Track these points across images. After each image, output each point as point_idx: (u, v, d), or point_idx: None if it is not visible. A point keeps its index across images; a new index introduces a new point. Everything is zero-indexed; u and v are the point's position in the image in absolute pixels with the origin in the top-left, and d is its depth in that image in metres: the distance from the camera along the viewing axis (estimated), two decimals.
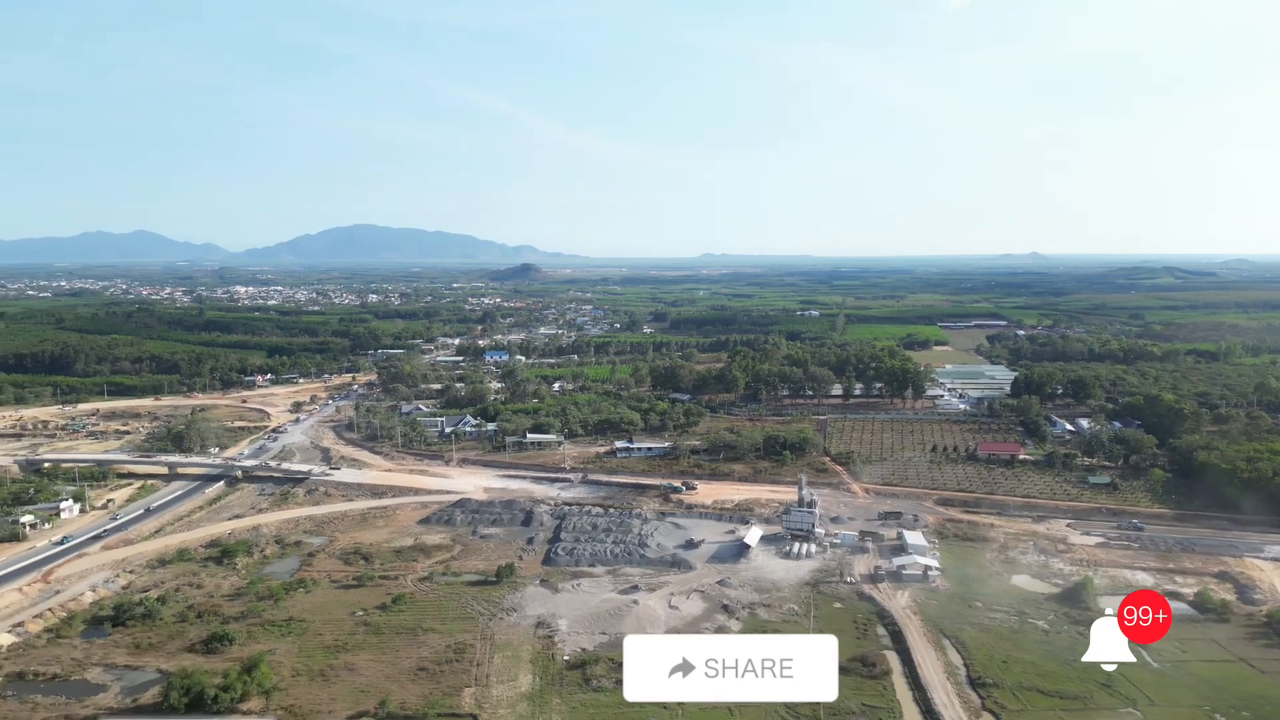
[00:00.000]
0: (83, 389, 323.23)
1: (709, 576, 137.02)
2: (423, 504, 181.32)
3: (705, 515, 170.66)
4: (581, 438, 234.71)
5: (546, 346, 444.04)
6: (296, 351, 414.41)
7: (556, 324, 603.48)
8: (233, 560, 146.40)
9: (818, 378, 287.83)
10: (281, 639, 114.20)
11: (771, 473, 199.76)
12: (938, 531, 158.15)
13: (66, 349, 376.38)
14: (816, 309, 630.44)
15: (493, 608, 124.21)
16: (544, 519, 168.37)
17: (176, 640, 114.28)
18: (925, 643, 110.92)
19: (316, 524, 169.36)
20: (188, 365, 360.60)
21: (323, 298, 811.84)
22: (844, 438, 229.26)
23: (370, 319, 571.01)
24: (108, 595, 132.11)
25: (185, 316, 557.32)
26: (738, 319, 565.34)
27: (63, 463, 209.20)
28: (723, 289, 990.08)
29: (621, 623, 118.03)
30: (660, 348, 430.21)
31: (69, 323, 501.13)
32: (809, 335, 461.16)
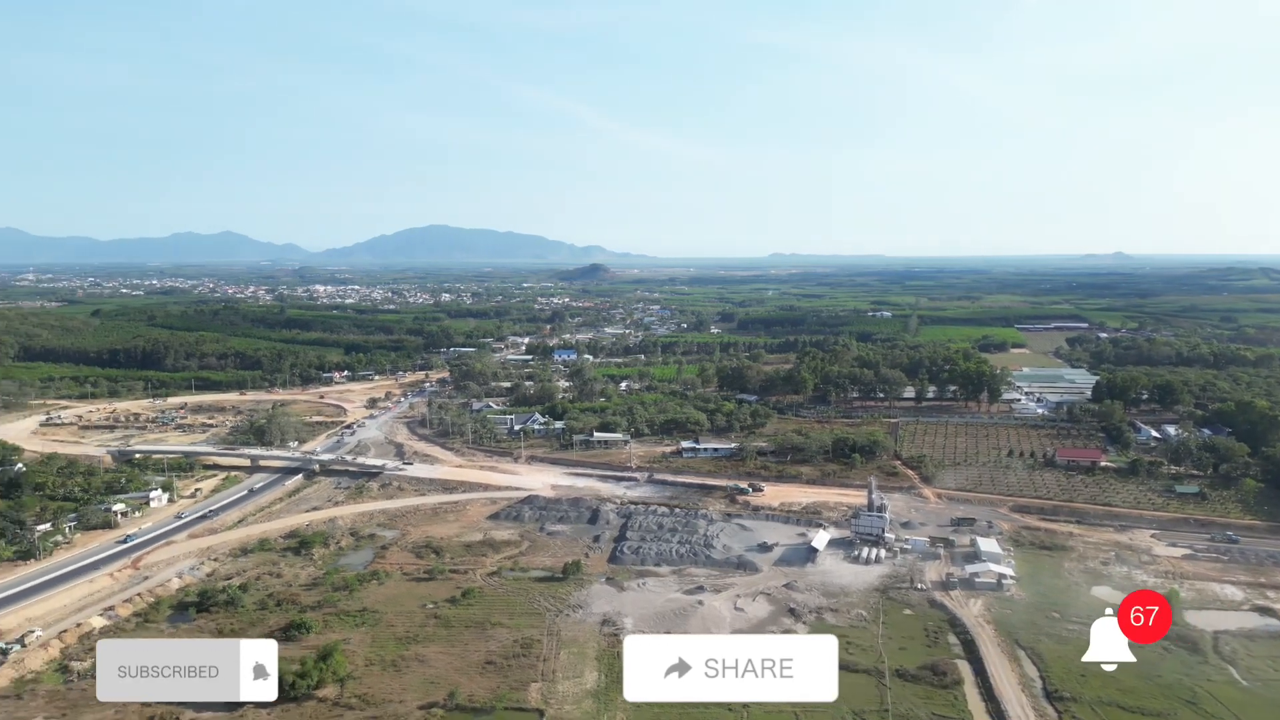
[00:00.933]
0: (172, 383, 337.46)
1: (775, 579, 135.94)
2: (492, 500, 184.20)
3: (772, 517, 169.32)
4: (647, 437, 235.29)
5: (614, 346, 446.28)
6: (372, 349, 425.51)
7: (624, 324, 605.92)
8: (310, 551, 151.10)
9: (889, 380, 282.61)
10: (355, 629, 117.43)
11: (840, 476, 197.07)
12: (1013, 539, 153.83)
13: (157, 345, 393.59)
14: (888, 310, 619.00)
15: (559, 604, 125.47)
16: (610, 517, 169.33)
17: (257, 627, 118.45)
18: (999, 653, 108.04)
19: (390, 517, 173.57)
20: (269, 362, 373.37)
21: (398, 297, 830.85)
22: (916, 441, 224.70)
23: (443, 318, 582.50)
24: (193, 582, 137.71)
25: (268, 314, 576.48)
26: (807, 320, 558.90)
27: (152, 454, 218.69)
28: (792, 289, 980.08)
29: (687, 623, 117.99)
30: (727, 348, 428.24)
31: (160, 320, 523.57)
32: (880, 336, 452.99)
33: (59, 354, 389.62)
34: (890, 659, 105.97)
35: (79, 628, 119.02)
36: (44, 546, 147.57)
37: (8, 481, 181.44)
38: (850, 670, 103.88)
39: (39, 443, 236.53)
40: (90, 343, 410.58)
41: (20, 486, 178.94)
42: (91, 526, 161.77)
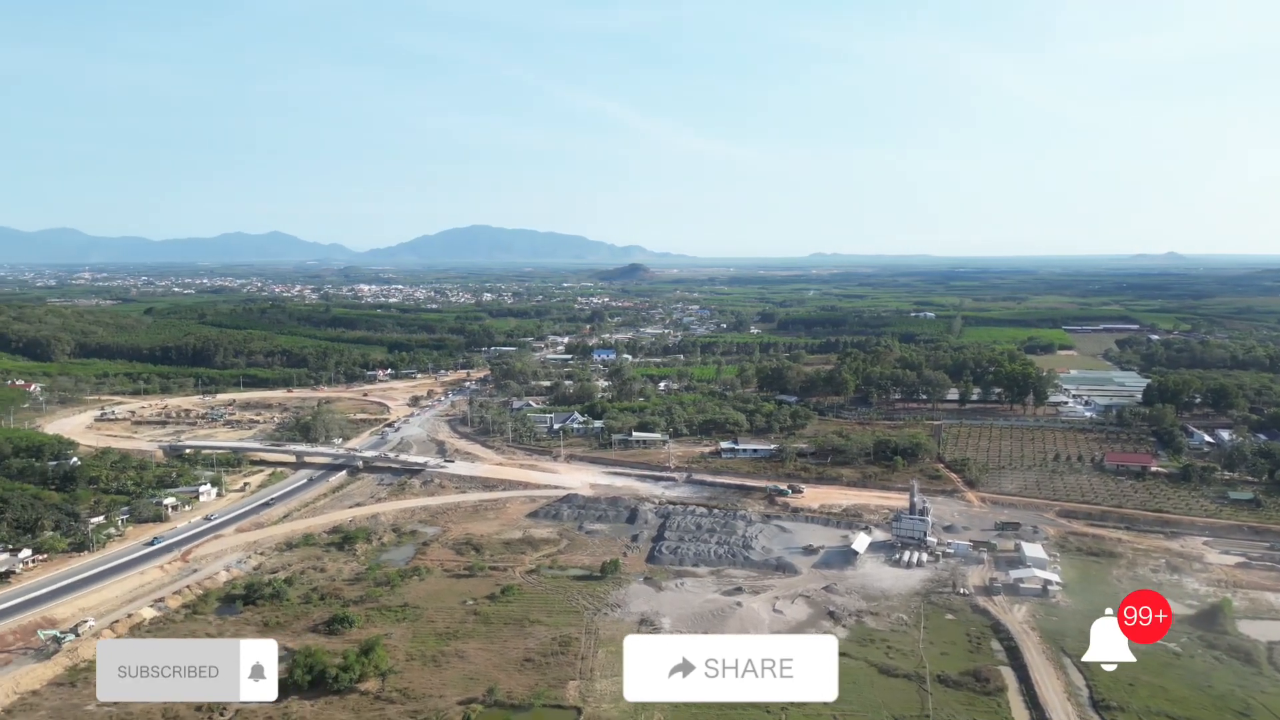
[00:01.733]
0: (221, 380, 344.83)
1: (815, 582, 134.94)
2: (531, 498, 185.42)
3: (812, 519, 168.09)
4: (686, 437, 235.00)
5: (653, 346, 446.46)
6: (415, 348, 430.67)
7: (663, 323, 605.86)
8: (353, 546, 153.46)
9: (932, 381, 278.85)
10: (397, 624, 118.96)
11: (881, 478, 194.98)
12: (1059, 544, 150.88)
13: (207, 343, 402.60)
14: (931, 310, 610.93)
15: (597, 603, 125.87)
16: (648, 517, 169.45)
17: (301, 620, 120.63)
18: (1044, 660, 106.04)
19: (431, 514, 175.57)
20: (315, 359, 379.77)
21: (440, 296, 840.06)
22: (959, 444, 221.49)
23: (484, 317, 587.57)
24: (240, 575, 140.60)
25: (313, 313, 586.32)
26: (848, 320, 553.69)
27: (202, 449, 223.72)
28: (833, 289, 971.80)
29: (725, 624, 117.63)
30: (767, 348, 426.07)
31: (210, 318, 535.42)
32: (923, 337, 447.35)
33: (113, 351, 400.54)
34: (932, 664, 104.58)
35: (130, 618, 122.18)
36: (97, 538, 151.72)
37: (63, 475, 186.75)
38: (890, 675, 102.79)
39: (94, 437, 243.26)
40: (143, 340, 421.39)
41: (75, 480, 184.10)
42: (143, 519, 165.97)
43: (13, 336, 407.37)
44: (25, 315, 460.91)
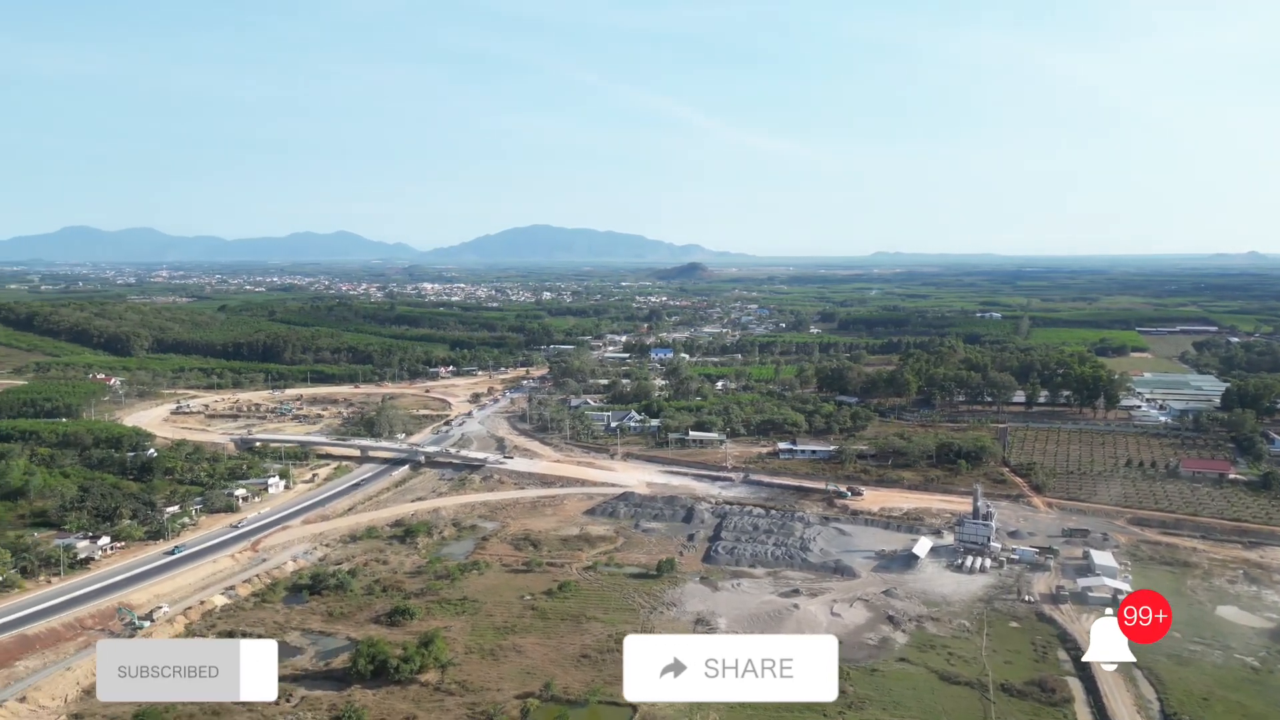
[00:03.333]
0: (290, 376, 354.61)
1: (874, 585, 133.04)
2: (588, 495, 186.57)
3: (871, 522, 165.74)
4: (744, 437, 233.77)
5: (710, 345, 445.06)
6: (476, 345, 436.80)
7: (721, 323, 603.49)
8: (414, 540, 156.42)
9: (998, 383, 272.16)
10: (456, 617, 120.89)
11: (944, 482, 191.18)
12: (1130, 553, 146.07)
13: (277, 339, 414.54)
14: (998, 311, 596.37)
15: (653, 601, 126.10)
16: (705, 516, 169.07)
17: (364, 611, 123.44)
18: (1113, 671, 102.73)
19: (490, 509, 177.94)
20: (379, 356, 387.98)
21: (501, 295, 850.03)
22: (1025, 448, 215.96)
23: (544, 315, 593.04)
24: (306, 566, 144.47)
25: (378, 311, 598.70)
26: (911, 320, 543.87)
27: (271, 442, 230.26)
28: (895, 289, 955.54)
29: (781, 625, 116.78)
30: (827, 348, 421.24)
31: (280, 315, 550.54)
32: (989, 338, 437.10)
33: (188, 346, 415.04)
34: (995, 672, 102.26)
35: (202, 605, 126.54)
36: (172, 527, 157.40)
37: (141, 466, 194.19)
38: (952, 682, 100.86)
39: (170, 430, 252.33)
40: (217, 336, 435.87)
41: (152, 470, 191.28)
42: (215, 510, 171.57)
43: (95, 332, 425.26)
44: (106, 312, 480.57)
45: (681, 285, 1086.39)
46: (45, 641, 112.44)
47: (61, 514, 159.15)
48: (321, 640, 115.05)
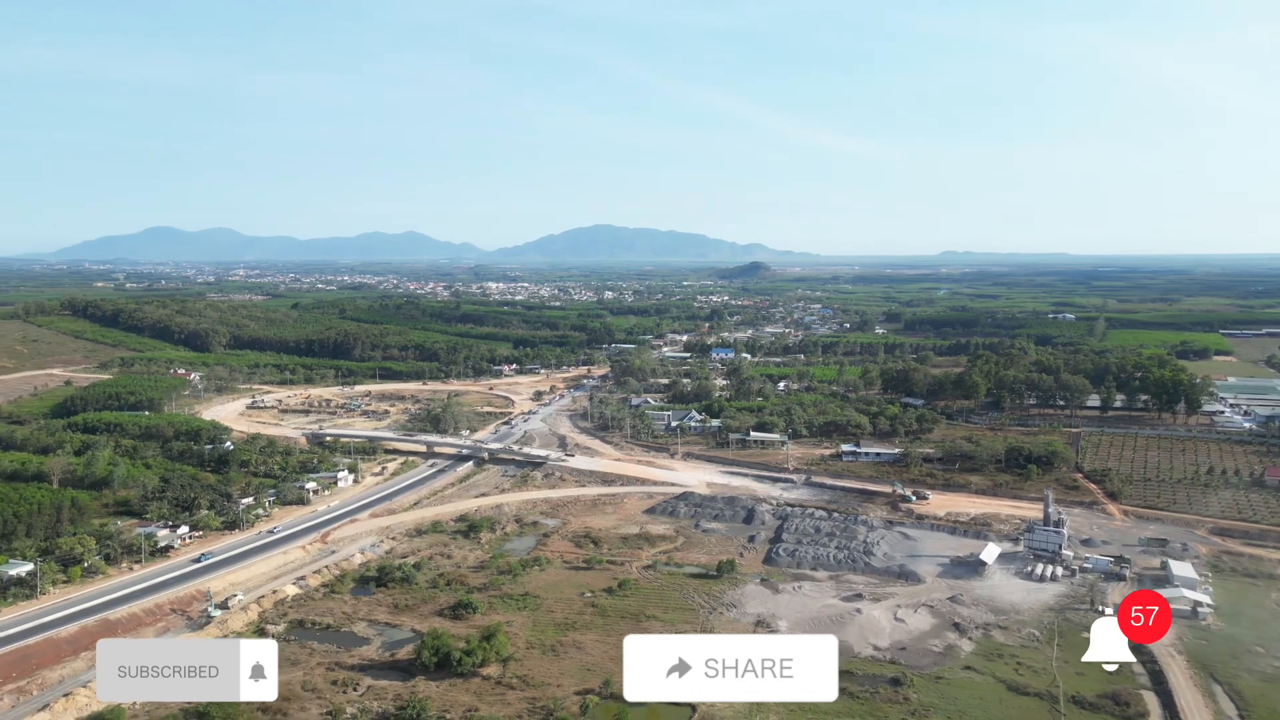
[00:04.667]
0: (359, 372, 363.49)
1: (939, 591, 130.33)
2: (648, 494, 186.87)
3: (937, 527, 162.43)
4: (806, 439, 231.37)
5: (772, 345, 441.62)
6: (538, 344, 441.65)
7: (783, 323, 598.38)
8: (478, 535, 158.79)
9: (1071, 386, 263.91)
10: (518, 612, 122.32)
11: (1013, 487, 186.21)
12: (1211, 564, 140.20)
13: (347, 336, 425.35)
14: (1071, 312, 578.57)
15: (713, 601, 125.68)
16: (765, 518, 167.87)
17: (428, 604, 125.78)
18: (1191, 686, 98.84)
19: (552, 506, 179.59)
20: (445, 354, 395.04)
21: (563, 294, 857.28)
22: (1100, 453, 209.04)
23: (605, 315, 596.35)
24: (373, 558, 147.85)
25: (444, 309, 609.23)
26: (980, 321, 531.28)
27: (341, 437, 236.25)
28: (964, 289, 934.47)
29: (844, 630, 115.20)
30: (892, 349, 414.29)
31: (350, 313, 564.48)
32: (1061, 340, 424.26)
33: (263, 343, 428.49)
34: (1065, 684, 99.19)
35: (275, 594, 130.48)
36: (247, 518, 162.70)
37: (218, 458, 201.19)
38: (1020, 693, 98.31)
39: (245, 424, 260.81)
40: (290, 333, 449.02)
41: (229, 463, 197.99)
42: (288, 502, 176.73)
43: (176, 329, 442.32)
44: (187, 309, 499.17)
45: (743, 285, 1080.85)
46: (126, 626, 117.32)
47: (143, 503, 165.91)
48: (387, 631, 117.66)
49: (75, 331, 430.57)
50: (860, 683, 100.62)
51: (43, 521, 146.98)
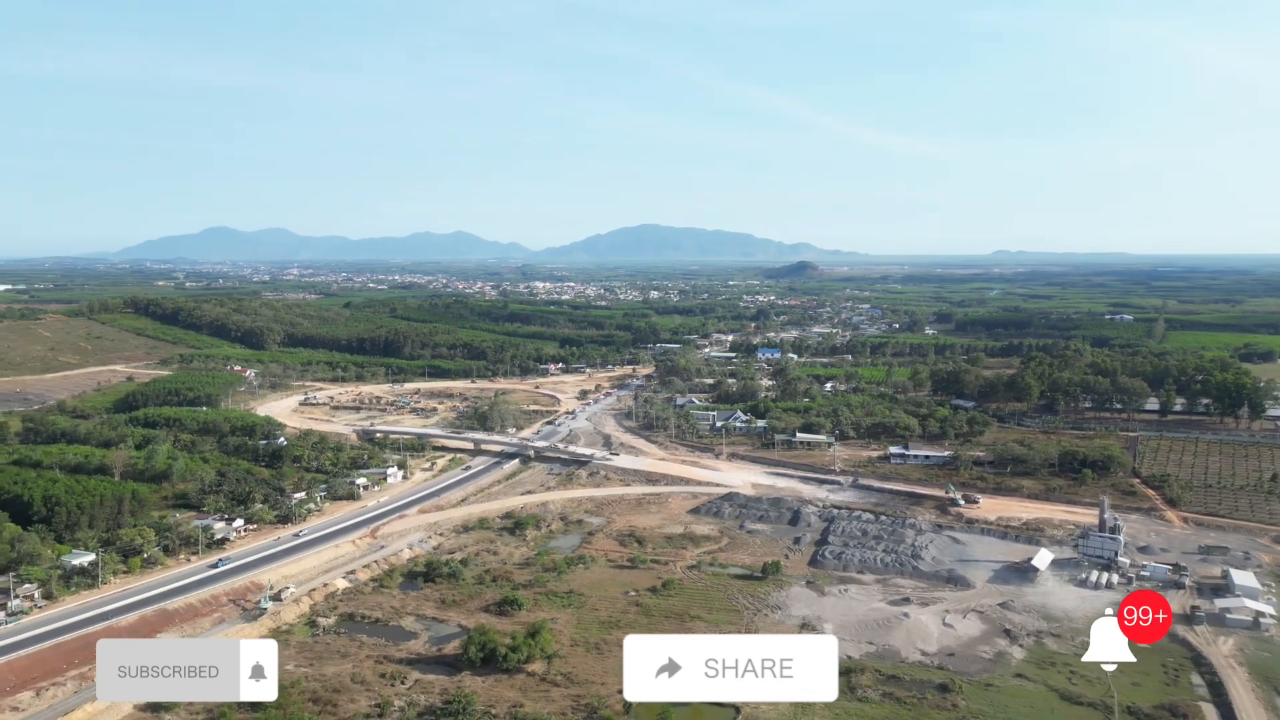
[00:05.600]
0: (408, 370, 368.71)
1: (989, 597, 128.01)
2: (693, 494, 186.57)
3: (987, 532, 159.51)
4: (853, 440, 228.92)
5: (819, 345, 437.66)
6: (584, 343, 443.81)
7: (831, 323, 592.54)
8: (523, 532, 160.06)
9: (1128, 389, 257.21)
10: (562, 609, 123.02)
11: (1067, 491, 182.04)
12: (1274, 573, 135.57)
13: (397, 335, 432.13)
14: (1129, 313, 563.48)
15: (757, 603, 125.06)
16: (811, 520, 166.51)
17: (475, 600, 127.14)
18: (1253, 699, 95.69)
19: (596, 505, 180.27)
20: (492, 352, 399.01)
21: (609, 293, 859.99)
22: (1158, 458, 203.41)
23: (651, 314, 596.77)
24: (421, 554, 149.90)
25: (492, 308, 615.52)
26: (1033, 322, 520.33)
27: (390, 434, 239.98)
28: (1017, 289, 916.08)
29: (891, 634, 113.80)
30: (943, 350, 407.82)
31: (400, 312, 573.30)
32: (1119, 342, 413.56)
33: (316, 341, 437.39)
34: (1121, 694, 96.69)
35: (325, 587, 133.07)
36: (299, 512, 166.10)
37: (272, 453, 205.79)
38: (1073, 702, 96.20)
39: (298, 420, 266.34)
40: (342, 332, 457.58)
41: (282, 458, 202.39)
42: (339, 497, 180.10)
43: (233, 327, 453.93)
44: (243, 308, 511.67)
45: (790, 284, 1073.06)
46: (184, 617, 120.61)
47: (201, 496, 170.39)
48: (434, 626, 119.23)
49: (137, 329, 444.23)
50: (907, 688, 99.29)
51: (105, 513, 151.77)
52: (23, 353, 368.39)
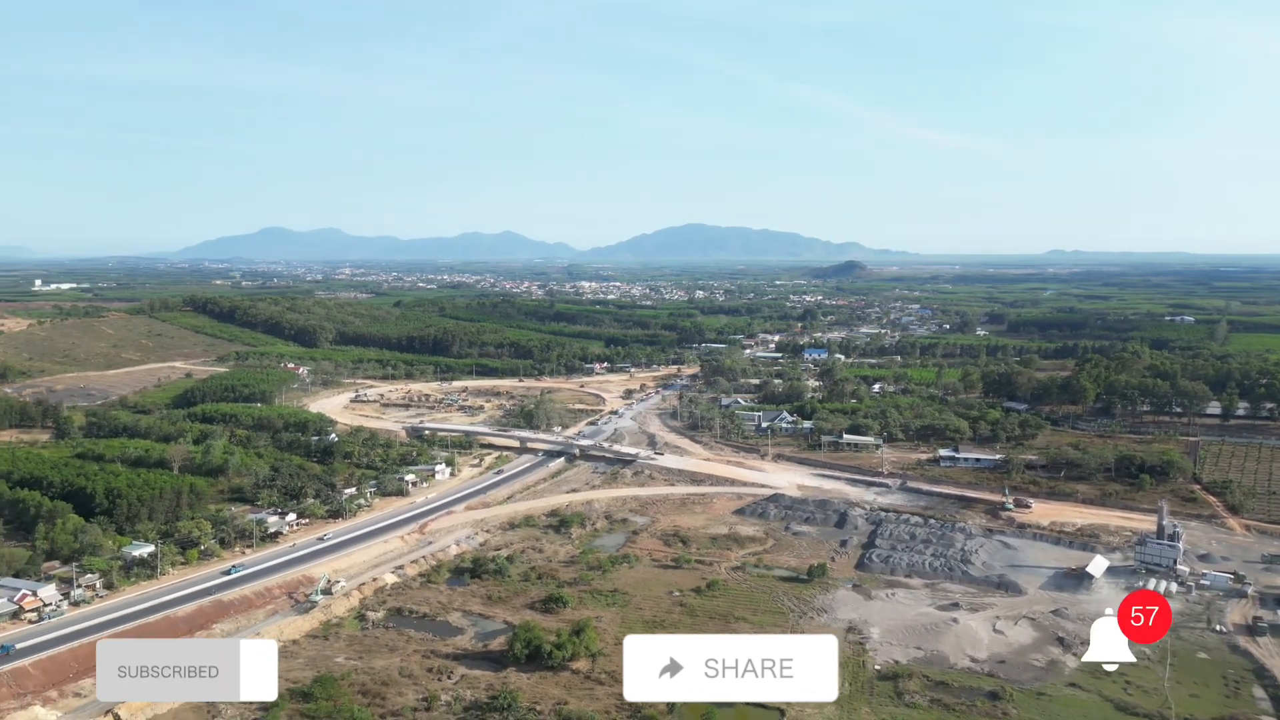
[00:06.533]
0: (456, 368, 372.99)
1: (1041, 604, 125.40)
2: (738, 495, 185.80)
3: (1040, 537, 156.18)
4: (901, 442, 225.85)
5: (867, 346, 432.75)
6: (629, 343, 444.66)
7: (879, 323, 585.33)
8: (568, 530, 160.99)
9: (1188, 393, 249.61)
10: (607, 608, 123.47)
11: (1124, 497, 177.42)
12: None
13: (446, 333, 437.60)
14: (1190, 314, 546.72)
15: (803, 605, 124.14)
16: (858, 522, 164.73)
17: (520, 597, 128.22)
18: None
19: (641, 504, 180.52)
20: (539, 351, 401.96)
21: (655, 293, 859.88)
22: (1220, 464, 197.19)
23: (696, 314, 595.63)
24: (468, 550, 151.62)
25: (538, 308, 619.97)
26: (1089, 323, 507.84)
27: (439, 431, 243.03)
28: (1073, 289, 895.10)
29: (939, 640, 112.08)
30: (995, 351, 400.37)
31: (448, 311, 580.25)
32: (1179, 344, 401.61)
33: (367, 339, 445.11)
34: (1178, 706, 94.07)
35: (374, 582, 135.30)
36: (349, 508, 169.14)
37: (324, 449, 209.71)
38: (1129, 713, 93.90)
39: (349, 416, 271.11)
40: (392, 330, 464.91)
41: (333, 454, 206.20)
42: (388, 493, 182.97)
43: (286, 325, 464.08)
44: (296, 306, 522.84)
45: (838, 284, 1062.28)
46: (239, 608, 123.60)
47: (255, 491, 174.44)
48: (481, 622, 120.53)
49: (195, 326, 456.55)
50: (956, 695, 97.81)
51: (164, 506, 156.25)
52: (87, 349, 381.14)
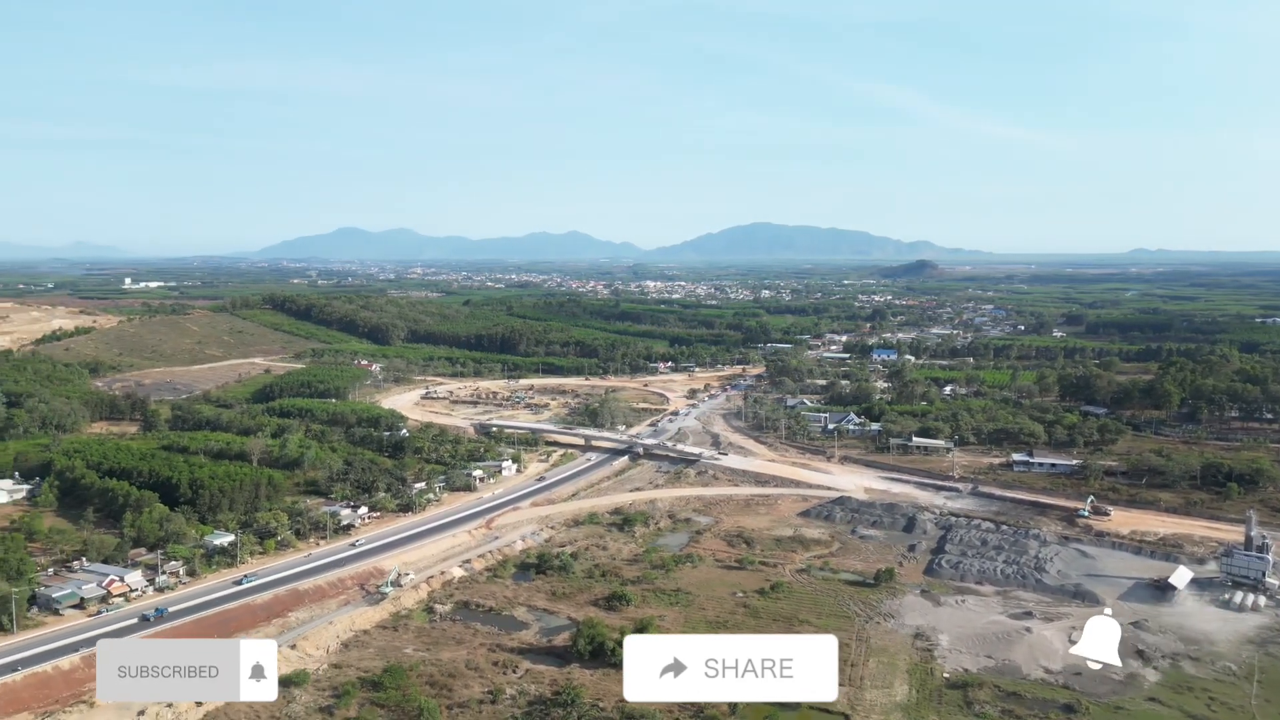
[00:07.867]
0: (523, 367, 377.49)
1: (1121, 615, 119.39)
2: (803, 497, 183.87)
3: (1119, 546, 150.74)
4: (973, 446, 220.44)
5: (938, 347, 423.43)
6: (694, 342, 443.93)
7: (951, 324, 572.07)
8: (632, 528, 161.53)
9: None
10: (670, 607, 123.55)
11: (1209, 506, 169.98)
12: None
13: (513, 332, 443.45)
14: None
15: (869, 610, 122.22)
16: (927, 527, 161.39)
17: (584, 594, 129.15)
18: None
19: (704, 504, 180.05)
20: (604, 350, 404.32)
21: (720, 293, 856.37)
22: None
23: (762, 314, 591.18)
24: (533, 546, 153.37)
25: (604, 307, 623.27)
26: (1174, 324, 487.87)
27: (505, 428, 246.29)
28: (1156, 290, 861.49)
29: (1011, 649, 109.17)
30: (1072, 353, 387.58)
31: (516, 310, 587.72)
32: (1271, 347, 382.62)
33: (437, 337, 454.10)
34: None
35: (442, 575, 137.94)
36: (419, 502, 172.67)
37: (395, 444, 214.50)
38: None
39: (419, 413, 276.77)
40: (461, 329, 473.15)
41: (404, 449, 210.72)
42: (456, 488, 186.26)
43: (360, 323, 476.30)
44: (370, 305, 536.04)
45: (908, 284, 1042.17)
46: (313, 597, 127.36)
47: (329, 484, 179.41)
48: (545, 618, 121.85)
49: (274, 324, 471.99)
50: (1029, 706, 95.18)
51: (243, 497, 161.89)
52: (173, 345, 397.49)
